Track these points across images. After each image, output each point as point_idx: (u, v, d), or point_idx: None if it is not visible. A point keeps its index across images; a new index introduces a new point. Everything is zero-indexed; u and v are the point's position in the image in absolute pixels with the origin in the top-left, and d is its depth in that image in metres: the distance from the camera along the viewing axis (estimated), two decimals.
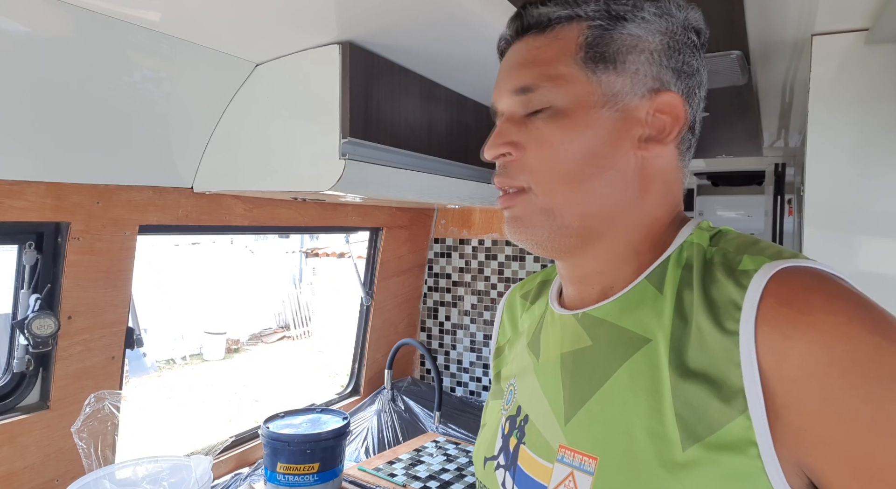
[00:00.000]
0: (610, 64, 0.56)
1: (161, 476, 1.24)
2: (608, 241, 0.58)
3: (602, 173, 0.56)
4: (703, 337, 0.50)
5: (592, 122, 0.55)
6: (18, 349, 1.19)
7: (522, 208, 0.58)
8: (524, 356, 0.68)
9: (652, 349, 0.52)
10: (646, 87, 0.56)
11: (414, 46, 1.17)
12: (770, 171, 2.62)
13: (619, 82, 0.56)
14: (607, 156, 0.56)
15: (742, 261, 0.51)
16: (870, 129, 1.03)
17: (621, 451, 0.51)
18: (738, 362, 0.47)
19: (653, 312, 0.54)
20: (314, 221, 1.78)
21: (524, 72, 0.58)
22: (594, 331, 0.58)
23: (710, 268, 0.53)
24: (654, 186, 0.58)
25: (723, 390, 0.47)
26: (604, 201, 0.57)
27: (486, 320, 2.31)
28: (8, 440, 1.15)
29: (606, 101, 0.55)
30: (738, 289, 0.49)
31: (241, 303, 8.90)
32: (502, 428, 0.66)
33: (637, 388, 0.52)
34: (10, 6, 0.86)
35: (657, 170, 0.58)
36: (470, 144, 1.58)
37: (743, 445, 0.46)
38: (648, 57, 0.57)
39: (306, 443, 1.45)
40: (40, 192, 1.11)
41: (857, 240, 1.04)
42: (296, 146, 1.18)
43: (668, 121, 0.57)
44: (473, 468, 1.69)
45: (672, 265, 0.56)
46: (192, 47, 1.08)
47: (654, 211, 0.59)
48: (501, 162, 0.60)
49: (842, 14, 0.99)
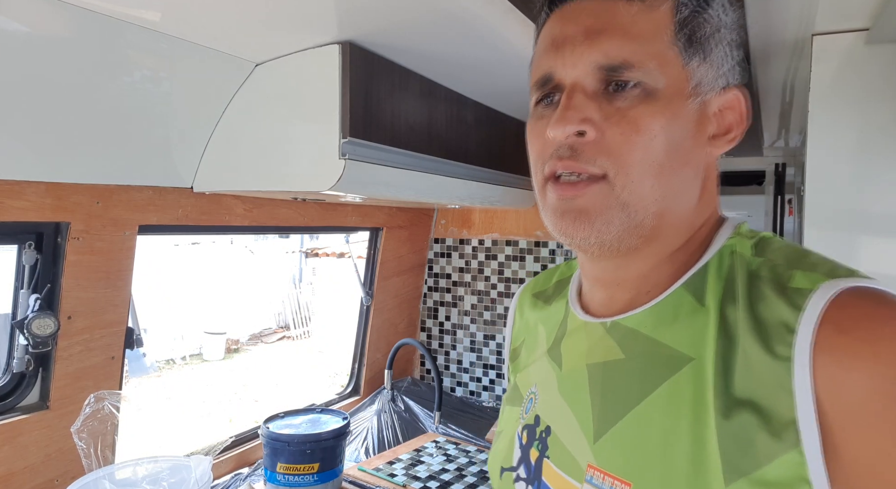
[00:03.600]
0: (699, 50, 0.51)
1: (161, 476, 1.24)
2: (664, 242, 0.54)
3: (682, 169, 0.51)
4: (750, 360, 0.45)
5: (682, 112, 0.50)
6: (18, 349, 1.19)
7: (596, 200, 0.50)
8: (545, 363, 0.63)
9: (695, 369, 0.48)
10: (721, 82, 0.53)
11: (414, 46, 1.17)
12: (770, 171, 2.62)
13: (704, 72, 0.51)
14: (688, 150, 0.51)
15: (794, 277, 0.47)
16: (870, 129, 1.03)
17: (658, 479, 0.47)
18: (791, 391, 0.43)
19: (693, 327, 0.50)
20: (314, 221, 1.78)
21: (621, 44, 0.49)
22: (627, 344, 0.54)
23: (757, 282, 0.48)
24: (709, 186, 0.56)
25: (772, 421, 0.43)
26: (678, 199, 0.52)
27: (486, 320, 2.31)
28: (8, 440, 1.15)
29: (693, 91, 0.51)
30: (791, 310, 0.44)
31: (241, 303, 8.89)
32: (519, 437, 0.62)
33: (677, 412, 0.47)
34: (10, 6, 0.85)
35: (712, 169, 0.56)
36: (470, 144, 1.58)
37: (794, 483, 0.42)
38: (726, 48, 0.53)
39: (306, 443, 1.45)
40: (40, 192, 1.11)
41: (857, 240, 1.04)
42: (296, 146, 1.18)
43: (735, 119, 0.54)
44: (474, 468, 1.69)
45: (712, 274, 0.51)
46: (192, 47, 1.08)
47: (705, 211, 0.56)
48: (572, 141, 0.51)
49: (842, 14, 0.99)
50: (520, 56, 1.21)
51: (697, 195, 0.54)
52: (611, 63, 0.49)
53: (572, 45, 0.51)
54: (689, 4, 0.51)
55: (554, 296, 0.69)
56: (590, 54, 0.50)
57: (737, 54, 0.54)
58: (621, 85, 0.50)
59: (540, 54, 0.55)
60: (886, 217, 1.02)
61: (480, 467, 1.71)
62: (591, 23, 0.51)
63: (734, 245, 0.53)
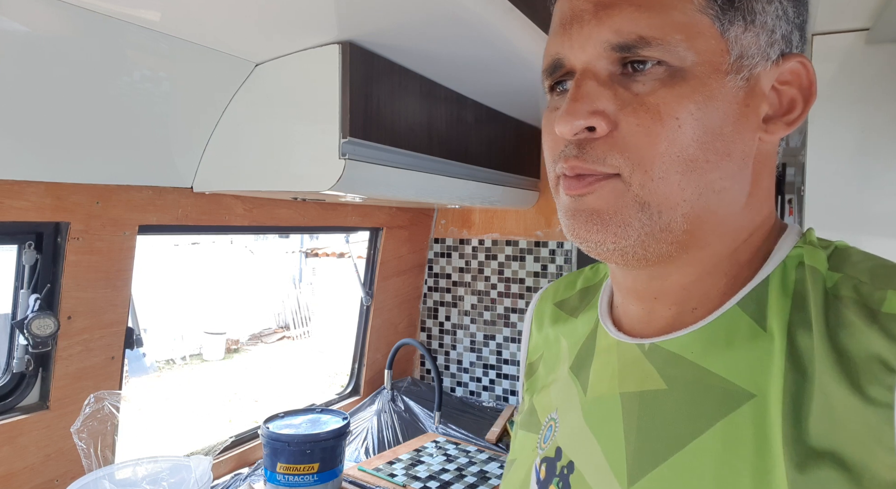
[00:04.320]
0: (740, 14, 0.42)
1: (161, 476, 1.24)
2: (705, 250, 0.45)
3: (722, 162, 0.42)
4: (832, 402, 0.37)
5: (718, 93, 0.41)
6: (18, 349, 1.19)
7: (608, 198, 0.43)
8: (567, 385, 0.54)
9: (758, 409, 0.39)
10: (776, 50, 0.43)
11: (414, 46, 1.17)
12: None
13: (749, 41, 0.42)
14: (730, 138, 0.42)
15: (886, 299, 0.38)
16: (870, 129, 1.03)
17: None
18: (893, 447, 0.34)
19: (753, 356, 0.41)
20: (314, 221, 1.78)
21: (635, 18, 0.41)
22: (669, 372, 0.45)
23: (837, 304, 0.40)
24: (764, 181, 0.46)
25: (862, 481, 0.35)
26: (718, 198, 0.43)
27: (486, 320, 2.31)
28: (8, 440, 1.15)
29: (734, 65, 0.42)
30: (888, 343, 0.36)
31: (241, 303, 8.89)
32: (536, 471, 0.53)
33: (736, 460, 0.39)
34: (10, 6, 0.85)
35: (768, 160, 0.46)
36: (470, 144, 1.58)
37: None
38: (779, 7, 0.43)
39: (306, 443, 1.45)
40: (40, 192, 1.11)
41: (857, 240, 1.04)
42: (296, 146, 1.18)
43: (798, 95, 0.44)
44: (474, 468, 1.69)
45: (776, 291, 0.43)
46: (192, 47, 1.08)
47: (760, 211, 0.46)
48: (580, 138, 0.43)
49: (842, 14, 0.99)
50: (520, 56, 1.21)
51: (747, 192, 0.45)
52: (623, 41, 0.41)
53: (580, 23, 0.43)
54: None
55: (580, 306, 0.60)
56: (599, 32, 0.42)
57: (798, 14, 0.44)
58: (639, 65, 0.42)
59: (550, 36, 0.47)
60: (886, 217, 1.02)
61: (480, 467, 1.71)
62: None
63: (802, 255, 0.44)
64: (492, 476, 1.65)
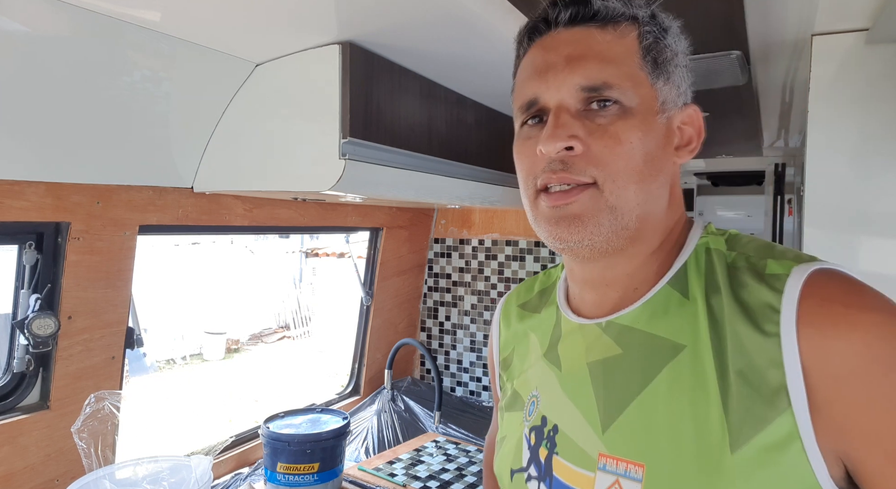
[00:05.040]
0: (662, 72, 0.58)
1: (161, 476, 1.24)
2: (645, 242, 0.60)
3: (657, 176, 0.58)
4: (741, 340, 0.51)
5: (653, 127, 0.57)
6: (18, 349, 1.19)
7: (587, 205, 0.56)
8: (543, 367, 0.68)
9: (691, 355, 0.54)
10: (681, 100, 0.60)
11: (414, 46, 1.17)
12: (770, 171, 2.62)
13: (667, 92, 0.59)
14: (661, 159, 0.58)
15: (768, 265, 0.54)
16: (870, 129, 1.03)
17: (669, 457, 0.52)
18: (781, 362, 0.49)
19: (684, 318, 0.56)
20: (314, 221, 1.78)
21: (600, 67, 0.56)
22: (623, 340, 0.59)
23: (735, 272, 0.55)
24: (675, 191, 0.63)
25: (763, 390, 0.49)
26: (654, 204, 0.59)
27: (486, 320, 2.31)
28: (8, 440, 1.15)
29: (661, 108, 0.58)
30: (773, 293, 0.51)
31: (241, 303, 8.89)
32: (527, 439, 0.66)
33: (679, 394, 0.53)
34: (10, 6, 0.86)
35: (677, 176, 0.63)
36: (470, 144, 1.58)
37: (788, 441, 0.48)
38: (682, 71, 0.61)
39: (306, 443, 1.45)
40: (40, 192, 1.11)
41: (857, 240, 1.04)
42: (296, 146, 1.18)
43: (693, 133, 0.61)
44: (474, 468, 1.69)
45: (692, 270, 0.58)
46: (192, 47, 1.08)
47: (675, 214, 0.62)
48: (562, 156, 0.56)
49: (842, 14, 0.99)
50: None
51: (668, 200, 0.61)
52: (592, 84, 0.56)
53: (555, 71, 0.57)
54: (652, 33, 0.58)
55: (541, 304, 0.74)
56: (572, 78, 0.56)
57: (689, 77, 0.62)
58: (602, 103, 0.56)
59: (523, 81, 0.61)
60: (886, 217, 1.02)
61: (480, 467, 1.71)
62: (570, 50, 0.57)
63: (707, 242, 0.60)
64: None
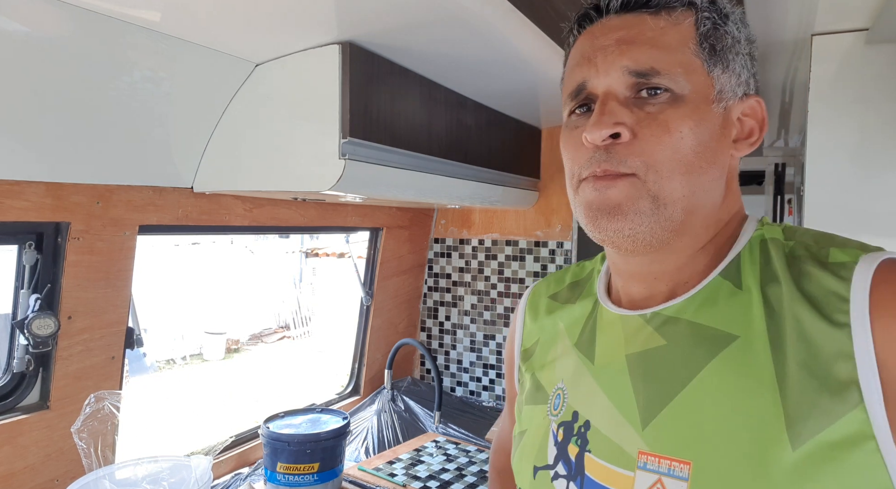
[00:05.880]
0: (720, 60, 0.56)
1: (161, 476, 1.24)
2: (694, 236, 0.58)
3: (709, 168, 0.55)
4: (805, 330, 0.48)
5: (707, 116, 0.55)
6: (18, 349, 1.19)
7: (626, 193, 0.53)
8: (572, 359, 0.64)
9: (743, 346, 0.51)
10: (741, 90, 0.58)
11: (414, 46, 1.17)
12: (770, 171, 2.62)
13: (725, 80, 0.56)
14: (715, 151, 0.55)
15: (830, 253, 0.52)
16: (870, 129, 1.03)
17: (720, 454, 0.49)
18: (851, 354, 0.46)
19: (735, 308, 0.53)
20: (314, 221, 1.78)
21: (649, 53, 0.54)
22: (667, 330, 0.56)
23: (795, 262, 0.53)
24: (733, 185, 0.60)
25: (830, 383, 0.46)
26: (706, 196, 0.56)
27: (486, 320, 2.31)
28: (8, 440, 1.15)
29: (717, 97, 0.55)
30: (840, 282, 0.49)
31: (241, 303, 8.89)
32: (554, 435, 0.62)
33: (730, 387, 0.50)
34: (10, 6, 0.86)
35: (735, 170, 0.61)
36: (470, 144, 1.58)
37: (859, 440, 0.45)
38: (744, 59, 0.58)
39: (306, 443, 1.45)
40: (40, 192, 1.11)
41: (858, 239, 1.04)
42: (296, 146, 1.18)
43: (755, 125, 0.59)
44: (474, 468, 1.70)
45: (747, 260, 0.56)
46: (192, 47, 1.08)
47: (730, 208, 0.60)
48: (607, 145, 0.54)
49: (842, 14, 0.99)
50: (520, 57, 1.21)
51: (723, 193, 0.58)
52: (640, 68, 0.54)
53: (604, 54, 0.56)
54: (710, 19, 0.56)
55: (573, 296, 0.72)
56: (620, 60, 0.54)
57: (753, 66, 0.59)
58: (651, 91, 0.54)
59: (572, 68, 0.60)
60: (886, 217, 1.02)
61: (480, 467, 1.71)
62: (621, 34, 0.56)
63: (763, 234, 0.57)
64: None
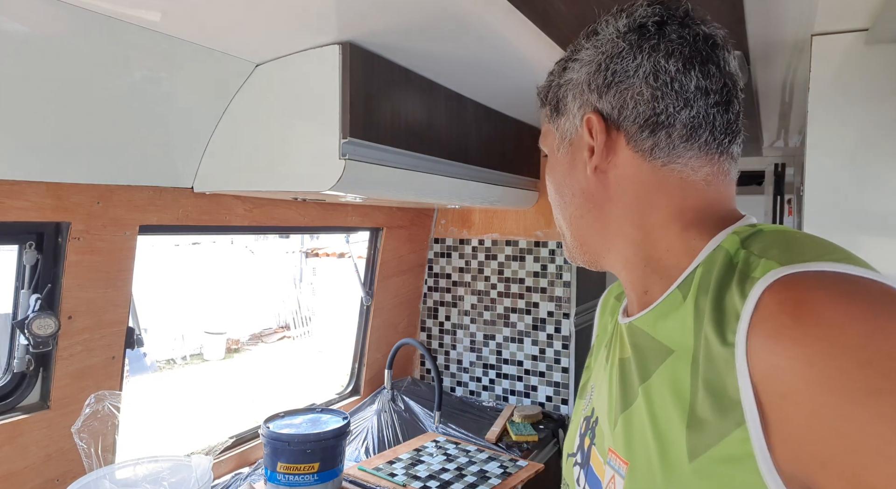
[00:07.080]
0: (559, 111, 0.65)
1: (161, 476, 1.24)
2: (613, 254, 0.63)
3: (572, 199, 0.64)
4: (710, 347, 0.49)
5: (557, 161, 0.66)
6: (19, 349, 1.19)
7: None
8: (602, 360, 0.72)
9: (675, 360, 0.53)
10: (579, 117, 0.62)
11: (414, 46, 1.17)
12: (770, 171, 2.62)
13: (562, 123, 0.64)
14: (568, 184, 0.65)
15: (759, 266, 0.48)
16: (870, 129, 1.03)
17: (644, 459, 0.54)
18: (736, 374, 0.46)
19: (677, 322, 0.54)
20: (314, 221, 1.79)
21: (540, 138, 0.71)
22: (633, 341, 0.61)
23: (730, 274, 0.50)
24: (625, 198, 0.60)
25: (723, 402, 0.47)
26: (579, 223, 0.65)
27: (486, 320, 2.31)
28: (8, 440, 1.15)
29: (561, 141, 0.65)
30: (741, 299, 0.47)
31: (241, 303, 8.89)
32: (580, 427, 0.71)
33: (661, 398, 0.53)
34: (10, 6, 0.86)
35: (620, 181, 0.60)
36: (470, 145, 1.58)
37: (742, 458, 0.46)
38: (576, 91, 0.62)
39: (306, 442, 1.45)
40: (40, 192, 1.11)
41: (857, 239, 1.04)
42: (296, 146, 1.18)
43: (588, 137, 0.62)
44: (474, 468, 1.70)
45: (699, 272, 0.54)
46: (192, 47, 1.08)
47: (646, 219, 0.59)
48: None
49: (842, 14, 0.99)
50: (520, 57, 1.21)
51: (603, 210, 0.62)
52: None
53: None
54: (549, 82, 0.67)
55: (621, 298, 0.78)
56: None
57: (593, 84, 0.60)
58: None
59: None
60: (886, 217, 1.02)
61: (480, 467, 1.71)
62: None
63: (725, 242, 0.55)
64: (492, 475, 1.65)
